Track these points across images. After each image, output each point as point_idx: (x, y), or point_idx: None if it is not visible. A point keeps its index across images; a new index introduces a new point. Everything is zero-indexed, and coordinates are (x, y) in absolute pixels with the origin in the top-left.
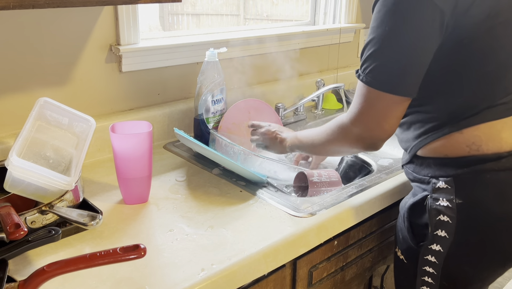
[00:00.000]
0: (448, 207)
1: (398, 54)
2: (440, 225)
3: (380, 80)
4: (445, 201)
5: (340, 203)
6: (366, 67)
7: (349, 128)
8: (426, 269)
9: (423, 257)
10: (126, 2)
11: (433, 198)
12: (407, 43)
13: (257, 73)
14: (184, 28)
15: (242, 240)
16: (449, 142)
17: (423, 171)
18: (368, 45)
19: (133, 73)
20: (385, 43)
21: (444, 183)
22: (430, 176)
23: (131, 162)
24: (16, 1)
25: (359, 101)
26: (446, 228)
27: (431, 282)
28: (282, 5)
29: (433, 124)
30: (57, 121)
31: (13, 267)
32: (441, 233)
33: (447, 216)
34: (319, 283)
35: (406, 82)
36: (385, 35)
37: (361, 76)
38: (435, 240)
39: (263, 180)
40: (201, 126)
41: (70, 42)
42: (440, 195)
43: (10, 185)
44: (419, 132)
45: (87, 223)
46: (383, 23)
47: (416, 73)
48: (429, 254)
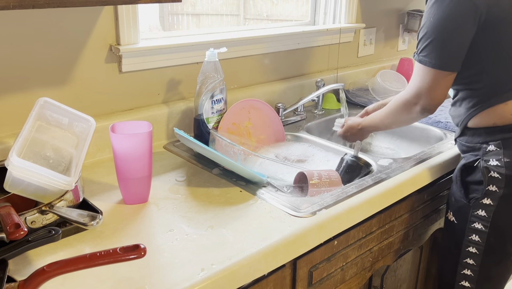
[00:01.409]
0: (497, 165)
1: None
2: (492, 180)
3: (440, 62)
4: (495, 161)
5: (340, 203)
6: (420, 48)
7: (413, 103)
8: (475, 226)
9: (474, 212)
10: (126, 2)
11: (484, 159)
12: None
13: (257, 73)
14: (184, 28)
15: (242, 240)
16: (496, 112)
17: (475, 140)
18: (420, 32)
19: (133, 73)
20: (430, 29)
21: (494, 146)
22: (481, 143)
23: (131, 162)
24: (16, 1)
25: (423, 79)
26: (497, 183)
27: (477, 240)
28: (282, 5)
29: (480, 98)
30: (57, 121)
31: (13, 267)
32: (492, 188)
33: (497, 172)
34: (319, 283)
35: (449, 59)
36: (430, 23)
37: (416, 56)
38: (487, 194)
39: (263, 180)
40: (201, 126)
41: (70, 42)
42: (491, 157)
43: (10, 185)
44: (469, 106)
45: (87, 223)
46: (429, 14)
47: (458, 51)
48: (480, 209)
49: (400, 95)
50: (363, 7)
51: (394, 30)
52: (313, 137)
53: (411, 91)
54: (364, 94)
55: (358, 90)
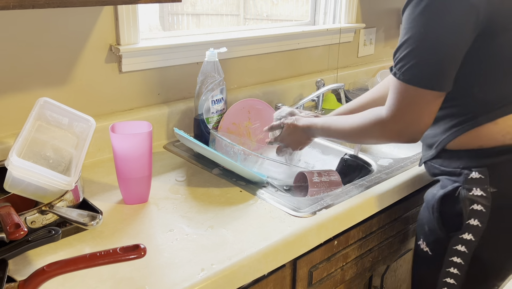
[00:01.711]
0: (482, 196)
1: (434, 52)
2: (473, 214)
3: (419, 78)
4: (478, 191)
5: (340, 203)
6: (403, 66)
7: (389, 125)
8: (453, 260)
9: (452, 248)
10: (126, 2)
11: (466, 188)
12: (442, 41)
13: (257, 73)
14: (184, 28)
15: (242, 240)
16: (483, 133)
17: (453, 164)
18: (404, 45)
19: (133, 73)
20: (421, 42)
21: (477, 173)
22: (461, 168)
23: (131, 162)
24: (16, 1)
25: (398, 98)
26: (480, 217)
27: (456, 273)
28: (282, 5)
29: (465, 117)
30: (57, 121)
31: (13, 267)
32: (474, 222)
33: (481, 204)
34: (319, 283)
35: (443, 78)
36: (420, 34)
37: (398, 74)
38: (467, 229)
39: (263, 180)
40: (201, 126)
41: (70, 42)
42: (474, 185)
43: (10, 185)
44: (449, 126)
45: (87, 223)
46: (418, 23)
47: (452, 68)
48: (459, 244)
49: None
50: (363, 7)
51: (394, 30)
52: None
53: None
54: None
55: (358, 90)
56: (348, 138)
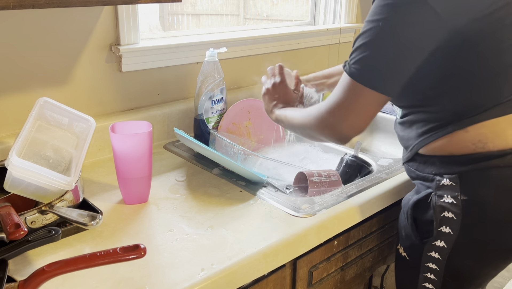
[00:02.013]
0: (453, 203)
1: (386, 51)
2: (445, 221)
3: (363, 74)
4: (449, 198)
5: (340, 203)
6: (353, 58)
7: (324, 116)
8: (429, 266)
9: (427, 254)
10: (126, 2)
11: (438, 195)
12: (397, 42)
13: (257, 73)
14: (184, 28)
15: (242, 240)
16: (454, 140)
17: (426, 169)
18: (360, 37)
19: (133, 73)
20: (376, 37)
21: (448, 180)
22: (434, 174)
23: (131, 162)
24: (16, 1)
25: (340, 92)
26: (451, 224)
27: (433, 279)
28: (282, 5)
29: (436, 124)
30: (57, 121)
31: (13, 267)
32: (446, 229)
33: (451, 212)
34: (319, 283)
35: (388, 81)
36: (377, 30)
37: (346, 66)
38: (439, 236)
39: (263, 180)
40: (201, 126)
41: (70, 42)
42: (445, 192)
43: (10, 185)
44: (421, 131)
45: (87, 223)
46: (379, 17)
47: (402, 73)
48: (433, 251)
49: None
50: (363, 7)
51: None
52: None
53: (326, 103)
54: None
55: None
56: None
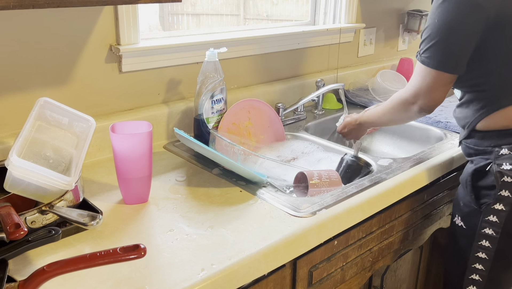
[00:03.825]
0: (511, 170)
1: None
2: (504, 185)
3: (434, 61)
4: (508, 165)
5: (340, 203)
6: (423, 48)
7: (411, 102)
8: (485, 232)
9: (485, 218)
10: (126, 2)
11: (497, 163)
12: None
13: (257, 73)
14: (184, 28)
15: (242, 240)
16: (507, 114)
17: (485, 143)
18: (424, 31)
19: (133, 73)
20: (436, 32)
21: (507, 150)
22: (492, 146)
23: (131, 162)
24: (16, 1)
25: (417, 78)
26: (510, 188)
27: (487, 246)
28: (282, 5)
29: (489, 100)
30: (57, 121)
31: (13, 267)
32: (505, 192)
33: (511, 177)
34: (319, 283)
35: (454, 62)
36: (435, 25)
37: (418, 56)
38: (499, 199)
39: (263, 180)
40: (201, 126)
41: (70, 42)
42: (504, 160)
43: (10, 185)
44: (477, 108)
45: (87, 223)
46: (434, 15)
47: (462, 54)
48: (491, 214)
49: (399, 94)
50: (363, 7)
51: (394, 30)
52: (313, 137)
53: (410, 90)
54: (364, 94)
55: (358, 90)
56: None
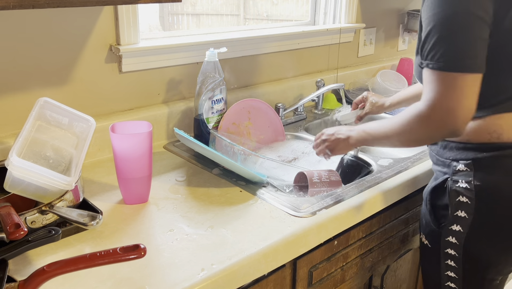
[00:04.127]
0: (467, 188)
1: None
2: (460, 205)
3: (453, 62)
4: (464, 183)
5: (340, 203)
6: (434, 54)
7: (430, 116)
8: (448, 252)
9: (445, 239)
10: (126, 2)
11: (453, 180)
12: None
13: (257, 73)
14: (184, 28)
15: (242, 240)
16: (472, 128)
17: (445, 154)
18: (431, 33)
19: (133, 73)
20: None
21: (464, 166)
22: (451, 159)
23: (131, 162)
24: (16, 1)
25: (435, 87)
26: (465, 209)
27: (454, 266)
28: (282, 5)
29: None
30: (57, 121)
31: (13, 267)
32: (461, 213)
33: (466, 197)
34: (319, 283)
35: (477, 59)
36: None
37: (431, 64)
38: (455, 220)
39: (263, 180)
40: (201, 126)
41: (70, 42)
42: (460, 177)
43: (10, 185)
44: None
45: (87, 223)
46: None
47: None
48: (450, 235)
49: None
50: (363, 7)
51: (394, 30)
52: (313, 137)
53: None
54: None
55: (358, 90)
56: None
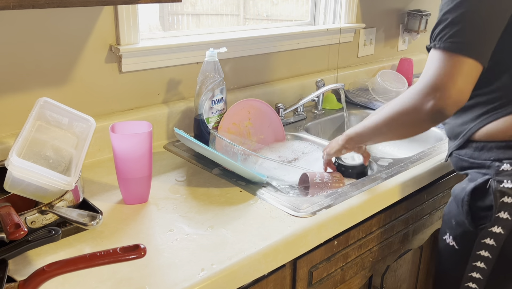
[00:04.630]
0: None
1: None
2: (503, 206)
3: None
4: (510, 183)
5: (340, 203)
6: (443, 35)
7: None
8: (480, 254)
9: (481, 241)
10: (126, 2)
11: (497, 180)
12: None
13: (257, 73)
14: (184, 28)
15: (242, 240)
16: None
17: (483, 156)
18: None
19: (133, 73)
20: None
21: (509, 165)
22: (492, 160)
23: (131, 162)
24: (16, 1)
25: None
26: (509, 210)
27: (483, 267)
28: (282, 5)
29: (493, 106)
30: (57, 121)
31: (13, 267)
32: (504, 214)
33: (511, 197)
34: (319, 283)
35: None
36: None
37: (438, 44)
38: (497, 222)
39: (263, 180)
40: (201, 126)
41: (70, 42)
42: (505, 177)
43: (10, 185)
44: (477, 114)
45: (87, 223)
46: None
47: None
48: (488, 237)
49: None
50: (363, 7)
51: (394, 30)
52: (313, 137)
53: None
54: (364, 94)
55: (358, 90)
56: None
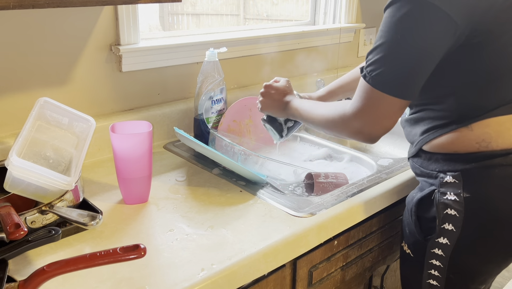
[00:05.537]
0: (455, 200)
1: (406, 62)
2: (447, 218)
3: (386, 84)
4: (452, 195)
5: (340, 203)
6: (373, 70)
7: (351, 121)
8: (432, 262)
9: (430, 250)
10: (126, 2)
11: (441, 192)
12: (416, 51)
13: (257, 73)
14: (184, 28)
15: (242, 240)
16: (458, 138)
17: (431, 166)
18: (377, 49)
19: (133, 73)
20: (395, 50)
21: (452, 178)
22: (438, 171)
23: (131, 162)
24: (16, 1)
25: (363, 99)
26: (453, 222)
27: (437, 275)
28: (282, 5)
29: (441, 122)
30: (57, 121)
31: (13, 267)
32: (448, 226)
33: (454, 209)
34: (319, 283)
35: (411, 87)
36: (395, 41)
37: (367, 77)
38: (442, 233)
39: (263, 180)
40: (201, 126)
41: (70, 42)
42: (448, 189)
43: (10, 185)
44: (426, 128)
45: (87, 223)
46: (395, 29)
47: (420, 79)
48: (436, 247)
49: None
50: (363, 7)
51: None
52: (313, 137)
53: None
54: None
55: None
56: (315, 126)
